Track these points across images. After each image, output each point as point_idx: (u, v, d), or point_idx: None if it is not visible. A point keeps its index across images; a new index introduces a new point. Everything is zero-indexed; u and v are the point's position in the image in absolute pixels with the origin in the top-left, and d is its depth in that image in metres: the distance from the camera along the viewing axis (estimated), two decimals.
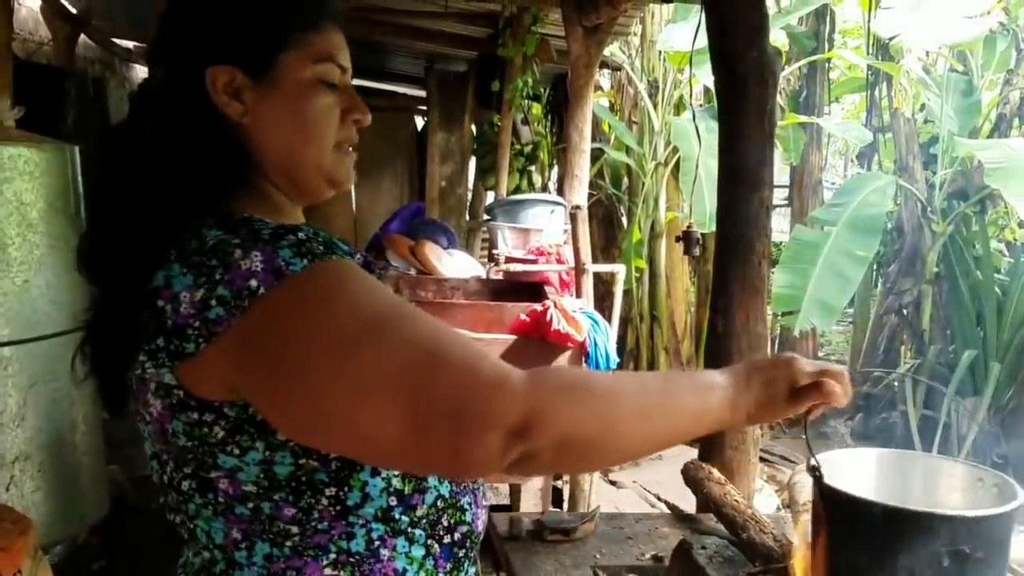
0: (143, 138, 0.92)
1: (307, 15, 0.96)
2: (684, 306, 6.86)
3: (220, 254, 0.82)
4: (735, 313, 2.19)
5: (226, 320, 0.79)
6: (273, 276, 0.79)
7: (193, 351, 0.81)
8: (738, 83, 2.19)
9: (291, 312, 0.79)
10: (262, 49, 0.93)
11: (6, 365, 2.86)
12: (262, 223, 0.87)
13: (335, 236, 0.89)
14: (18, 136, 3.01)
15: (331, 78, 0.96)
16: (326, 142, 0.97)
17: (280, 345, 0.79)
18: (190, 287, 0.81)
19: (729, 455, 2.21)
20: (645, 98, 6.51)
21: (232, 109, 0.93)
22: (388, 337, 0.79)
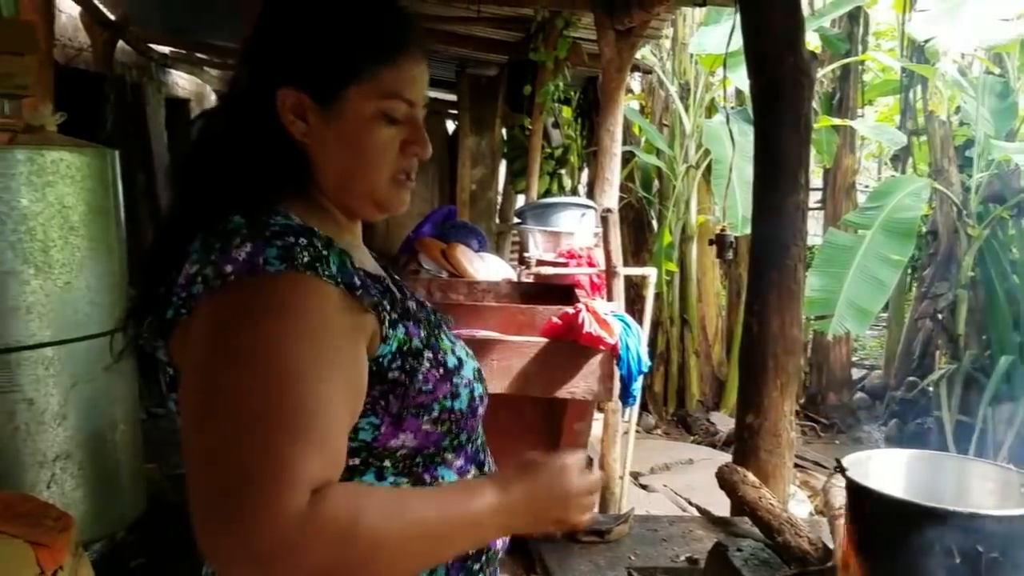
0: (215, 131, 1.00)
1: (382, 49, 0.98)
2: (715, 310, 6.83)
3: (225, 238, 0.88)
4: (770, 317, 2.18)
5: (201, 296, 0.86)
6: (247, 269, 0.85)
7: (171, 317, 0.88)
8: (774, 88, 2.19)
9: (239, 307, 0.85)
10: (331, 81, 0.96)
11: (48, 365, 2.91)
12: (283, 221, 0.91)
13: (350, 253, 0.93)
14: (60, 141, 3.06)
15: (395, 113, 0.99)
16: (381, 174, 1.00)
17: (208, 330, 0.85)
18: (193, 261, 0.89)
19: (764, 459, 2.20)
20: (676, 101, 6.49)
21: (296, 128, 0.97)
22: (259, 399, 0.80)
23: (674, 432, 6.49)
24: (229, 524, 0.76)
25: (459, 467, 1.05)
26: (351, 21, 0.98)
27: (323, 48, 0.97)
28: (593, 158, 6.51)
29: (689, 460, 5.46)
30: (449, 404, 1.00)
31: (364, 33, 0.98)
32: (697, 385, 6.71)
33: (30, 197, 2.79)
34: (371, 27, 0.98)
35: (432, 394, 0.99)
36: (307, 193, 1.00)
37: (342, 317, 0.88)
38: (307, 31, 0.97)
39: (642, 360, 2.88)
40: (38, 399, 2.89)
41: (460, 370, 1.03)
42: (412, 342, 0.98)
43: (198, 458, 0.81)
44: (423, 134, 1.02)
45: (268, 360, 0.82)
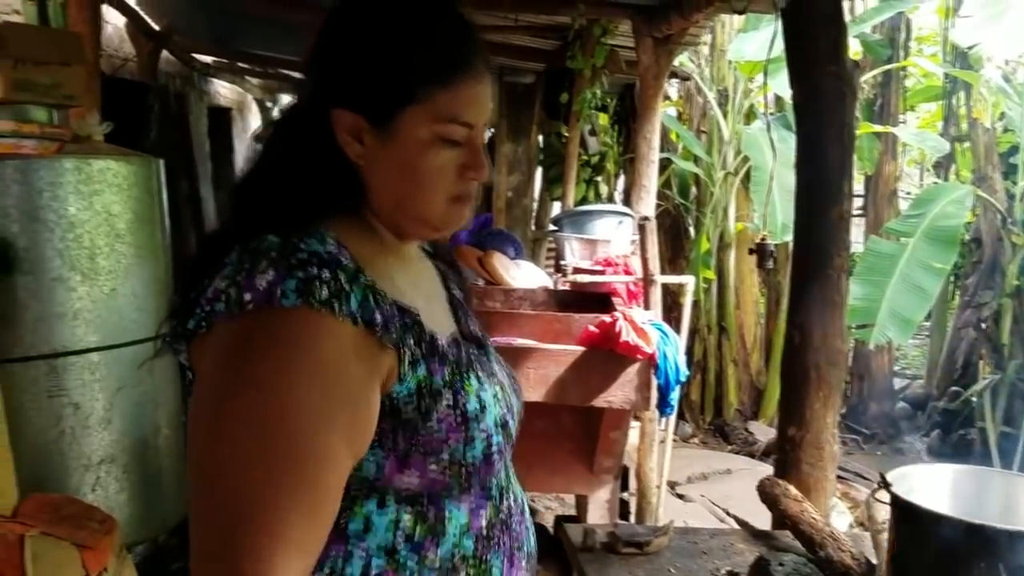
0: (273, 145, 1.00)
1: (439, 72, 0.95)
2: (753, 317, 6.77)
3: (255, 259, 0.87)
4: (813, 328, 2.16)
5: (220, 317, 0.86)
6: (264, 299, 0.84)
7: (192, 328, 0.88)
8: (817, 97, 2.17)
9: (247, 339, 0.85)
10: (386, 103, 0.94)
11: (94, 370, 2.96)
12: (315, 246, 0.90)
13: (384, 282, 0.93)
14: (107, 150, 3.12)
15: (452, 136, 0.96)
16: (436, 197, 0.98)
17: (215, 359, 0.86)
18: (223, 276, 0.88)
19: (806, 472, 2.18)
20: (715, 107, 6.45)
21: (351, 149, 0.96)
22: (259, 445, 0.82)
23: (711, 441, 6.43)
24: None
25: (471, 505, 0.99)
26: (407, 43, 0.95)
27: (379, 71, 0.95)
28: (629, 165, 6.49)
29: (727, 470, 5.41)
30: (460, 452, 0.96)
31: (420, 56, 0.95)
32: (735, 394, 6.65)
33: (77, 205, 2.84)
34: (428, 49, 0.95)
35: (443, 439, 0.94)
36: (357, 211, 0.99)
37: (355, 357, 0.87)
38: (363, 53, 0.96)
39: (680, 369, 2.87)
40: (84, 403, 2.94)
41: (480, 418, 0.97)
42: (433, 381, 0.94)
43: (196, 487, 0.84)
44: (481, 157, 0.99)
45: (271, 402, 0.82)
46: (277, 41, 6.59)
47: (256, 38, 6.58)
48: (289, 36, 6.20)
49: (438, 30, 0.97)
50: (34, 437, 2.86)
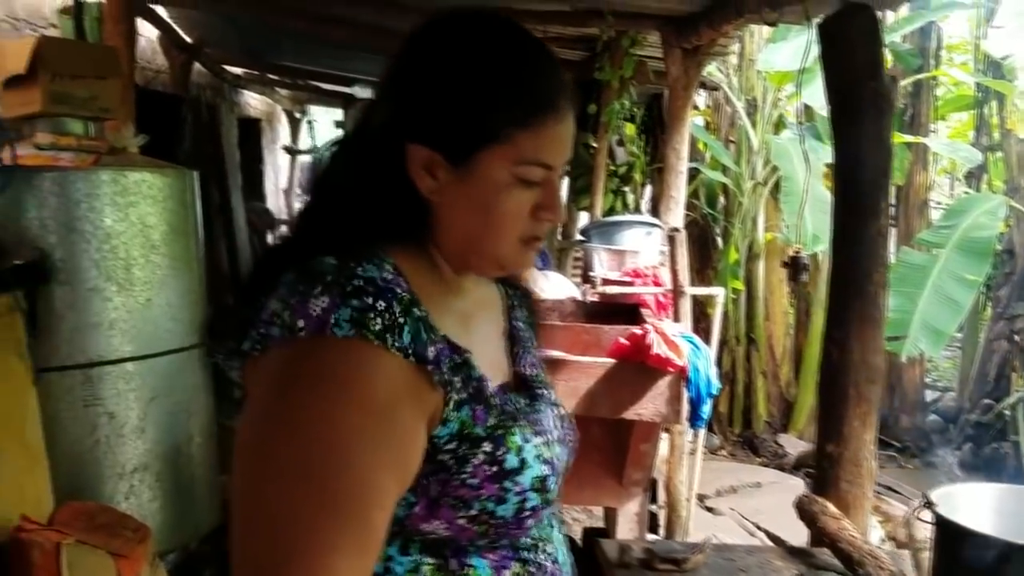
0: (338, 167, 0.97)
1: (520, 113, 0.91)
2: (783, 329, 6.71)
3: (308, 283, 0.85)
4: (851, 344, 2.14)
5: (274, 342, 0.84)
6: (317, 327, 0.82)
7: (247, 349, 0.87)
8: (853, 111, 2.15)
9: (296, 368, 0.83)
10: (464, 142, 0.91)
11: (129, 379, 2.99)
12: (372, 272, 0.88)
13: (437, 317, 0.90)
14: (142, 162, 3.16)
15: (530, 178, 0.93)
16: (508, 238, 0.95)
17: (266, 386, 0.84)
18: (279, 299, 0.87)
19: (844, 488, 2.15)
20: (743, 117, 6.42)
21: (424, 184, 0.92)
22: (309, 479, 0.78)
23: (740, 453, 6.38)
24: None
25: (497, 561, 0.95)
26: (492, 81, 0.91)
27: (460, 109, 0.91)
28: (657, 175, 6.47)
29: (757, 483, 5.36)
30: (491, 507, 0.91)
31: (504, 95, 0.91)
32: (764, 406, 6.59)
33: (113, 217, 2.88)
34: (513, 88, 0.91)
35: (475, 491, 0.90)
36: (422, 245, 0.96)
37: (406, 393, 0.84)
38: (444, 88, 0.91)
39: (712, 382, 2.85)
40: (118, 412, 2.98)
41: (518, 476, 0.92)
42: (474, 428, 0.90)
43: (241, 513, 0.80)
44: (557, 200, 0.96)
45: (321, 436, 0.79)
46: (306, 54, 6.66)
47: (286, 51, 6.65)
48: (319, 49, 6.28)
49: (524, 68, 0.93)
50: (69, 446, 2.89)
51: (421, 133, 0.91)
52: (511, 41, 0.95)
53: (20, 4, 4.10)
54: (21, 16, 4.12)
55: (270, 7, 4.62)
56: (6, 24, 4.00)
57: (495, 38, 0.95)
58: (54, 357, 2.81)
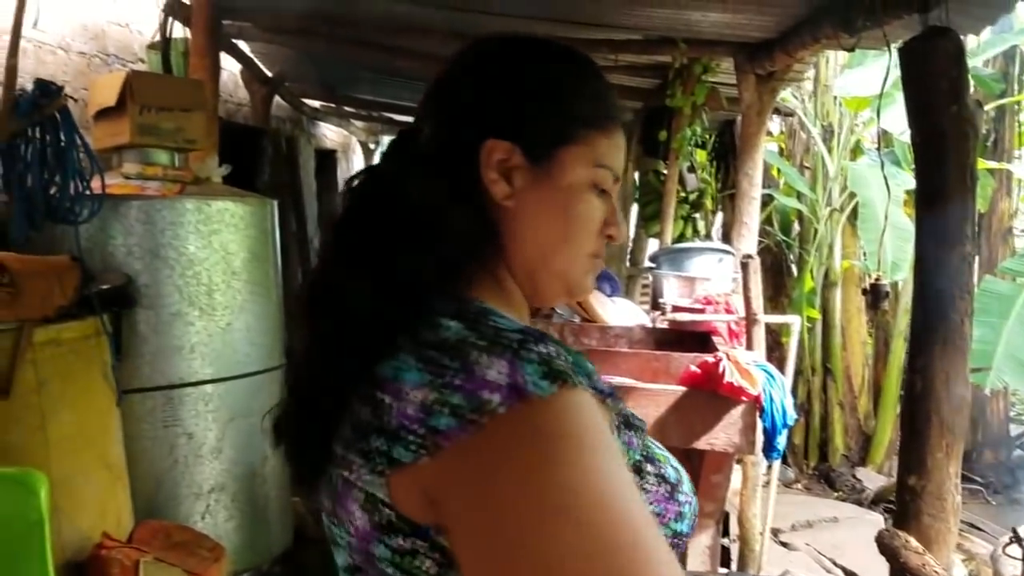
0: (392, 195, 0.84)
1: (599, 114, 0.89)
2: (861, 359, 6.53)
3: (460, 354, 0.72)
4: (935, 375, 2.06)
5: (455, 433, 0.69)
6: (515, 396, 0.69)
7: (409, 461, 0.71)
8: (937, 138, 2.10)
9: (521, 445, 0.69)
10: (549, 137, 0.86)
11: (208, 401, 3.08)
12: (504, 321, 0.78)
13: (573, 349, 0.78)
14: (224, 192, 3.27)
15: (603, 184, 0.89)
16: (582, 248, 0.89)
17: (495, 477, 0.68)
18: (421, 385, 0.72)
19: (927, 523, 2.07)
20: (819, 143, 6.32)
21: (499, 188, 0.85)
22: (606, 527, 0.66)
23: (816, 487, 6.20)
24: None
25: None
26: (572, 83, 0.90)
27: (543, 99, 0.87)
28: (728, 201, 6.40)
29: (833, 518, 5.20)
30: (676, 528, 0.85)
31: (584, 96, 0.89)
32: (841, 438, 6.41)
33: (197, 244, 2.98)
34: (590, 91, 0.90)
35: (661, 517, 0.83)
36: (492, 272, 0.88)
37: (607, 423, 0.76)
38: (525, 85, 0.88)
39: (787, 413, 2.78)
40: (197, 433, 3.06)
41: (680, 483, 0.87)
42: (633, 455, 0.83)
43: None
44: (620, 215, 0.92)
45: (592, 499, 0.67)
46: (380, 86, 6.82)
47: (361, 83, 6.82)
48: (391, 81, 6.42)
49: (596, 76, 0.93)
50: (149, 465, 2.98)
51: (502, 126, 0.86)
52: (579, 53, 0.94)
53: (111, 39, 4.30)
54: (111, 51, 4.32)
55: (346, 41, 4.75)
56: (97, 59, 4.20)
57: (564, 49, 0.93)
58: (137, 379, 2.91)
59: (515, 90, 0.88)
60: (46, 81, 2.57)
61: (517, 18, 3.97)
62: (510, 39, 0.94)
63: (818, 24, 3.22)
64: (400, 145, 0.90)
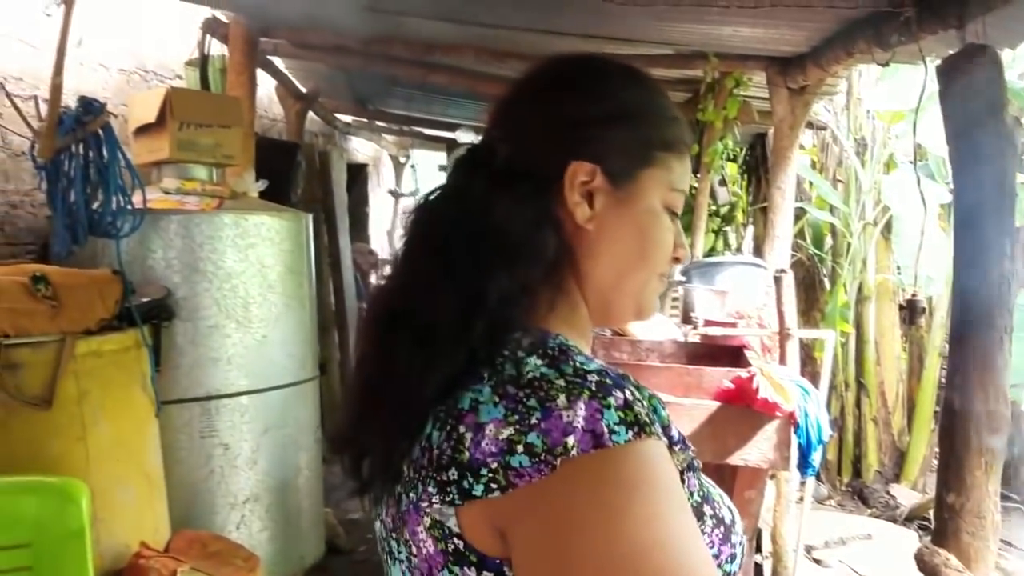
0: (475, 216, 0.82)
1: (675, 138, 0.90)
2: (895, 374, 6.44)
3: (540, 393, 0.72)
4: (973, 392, 2.04)
5: (529, 473, 0.69)
6: (591, 441, 0.69)
7: (480, 495, 0.71)
8: (974, 153, 2.08)
9: (593, 490, 0.69)
10: (631, 159, 0.87)
11: (243, 412, 3.11)
12: (582, 359, 0.77)
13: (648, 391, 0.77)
14: (260, 206, 3.32)
15: (675, 207, 0.91)
16: (656, 269, 0.90)
17: (564, 520, 0.68)
18: (499, 421, 0.72)
19: (966, 541, 2.04)
20: (852, 156, 6.27)
21: (581, 211, 0.85)
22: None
23: (849, 504, 6.12)
24: None
25: None
26: (650, 103, 0.91)
27: (624, 123, 0.88)
28: (759, 214, 6.36)
29: (867, 535, 5.12)
30: (729, 569, 0.84)
31: (662, 118, 0.91)
32: (875, 454, 6.32)
33: (234, 257, 3.03)
34: (666, 113, 0.91)
35: (716, 559, 0.82)
36: (568, 298, 0.88)
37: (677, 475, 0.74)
38: (606, 103, 0.88)
39: (823, 428, 2.76)
40: (233, 444, 3.10)
41: (735, 524, 0.87)
42: (694, 497, 0.81)
43: None
44: (683, 235, 0.93)
45: (656, 546, 0.67)
46: (412, 100, 6.88)
47: (393, 98, 6.89)
48: (423, 96, 6.48)
49: (667, 101, 0.93)
50: (186, 475, 3.02)
51: (584, 149, 0.86)
52: (649, 76, 0.94)
53: (150, 57, 4.39)
54: (150, 68, 4.40)
55: (379, 57, 4.81)
56: (137, 76, 4.28)
57: (637, 71, 0.93)
58: (175, 390, 2.96)
59: (598, 113, 0.88)
60: (89, 98, 2.63)
61: (548, 34, 3.99)
62: (584, 59, 0.94)
63: (852, 39, 3.20)
64: (474, 164, 0.88)
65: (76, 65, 3.63)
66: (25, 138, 2.87)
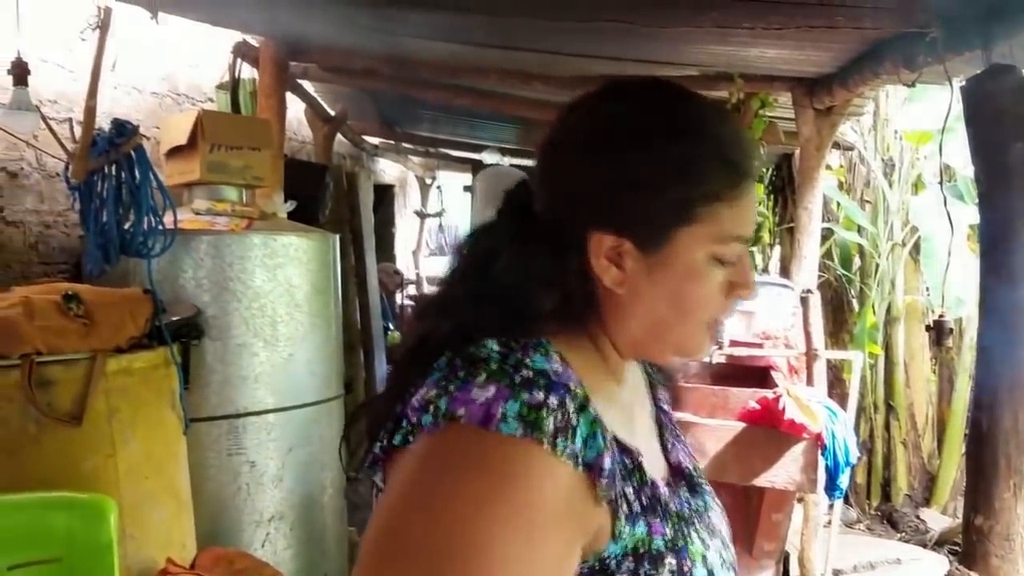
0: (494, 251, 0.83)
1: (721, 185, 0.82)
2: (924, 396, 6.36)
3: (471, 369, 0.75)
4: (1002, 413, 2.02)
5: (426, 429, 0.73)
6: (479, 417, 0.71)
7: (397, 444, 0.75)
8: (1001, 173, 2.08)
9: (451, 460, 0.71)
10: (662, 225, 0.81)
11: (270, 430, 3.14)
12: (541, 362, 0.77)
13: (604, 415, 0.77)
14: (288, 227, 3.36)
15: (728, 257, 0.83)
16: (698, 320, 0.85)
17: (411, 474, 0.72)
18: (432, 383, 0.75)
19: (995, 564, 2.02)
20: (880, 177, 6.23)
21: (609, 276, 0.82)
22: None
23: (878, 528, 6.03)
24: None
25: None
26: (687, 154, 0.81)
27: (653, 188, 0.80)
28: (785, 235, 6.33)
29: (896, 559, 5.04)
30: None
31: (701, 169, 0.81)
32: (905, 478, 6.23)
33: (263, 277, 3.07)
34: (709, 161, 0.82)
35: None
36: (586, 330, 0.86)
37: (569, 507, 0.72)
38: (633, 166, 0.81)
39: (850, 450, 2.74)
40: (259, 462, 3.12)
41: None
42: (653, 542, 0.79)
43: None
44: (750, 273, 0.86)
45: (470, 531, 0.67)
46: (438, 123, 6.95)
47: (420, 120, 6.96)
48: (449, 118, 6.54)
49: (720, 136, 0.83)
50: (213, 493, 3.05)
51: (607, 219, 0.81)
52: (699, 107, 0.86)
53: (182, 80, 4.47)
54: (182, 91, 4.49)
55: (406, 80, 4.87)
56: (169, 99, 4.36)
57: (682, 105, 0.85)
58: (203, 408, 2.99)
59: (625, 179, 0.81)
60: (122, 121, 2.68)
61: (574, 56, 4.02)
62: (632, 94, 0.87)
63: (878, 59, 3.20)
64: (514, 207, 0.87)
65: (110, 88, 3.71)
66: (59, 160, 2.93)
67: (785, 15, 2.75)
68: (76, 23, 2.92)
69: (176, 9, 3.60)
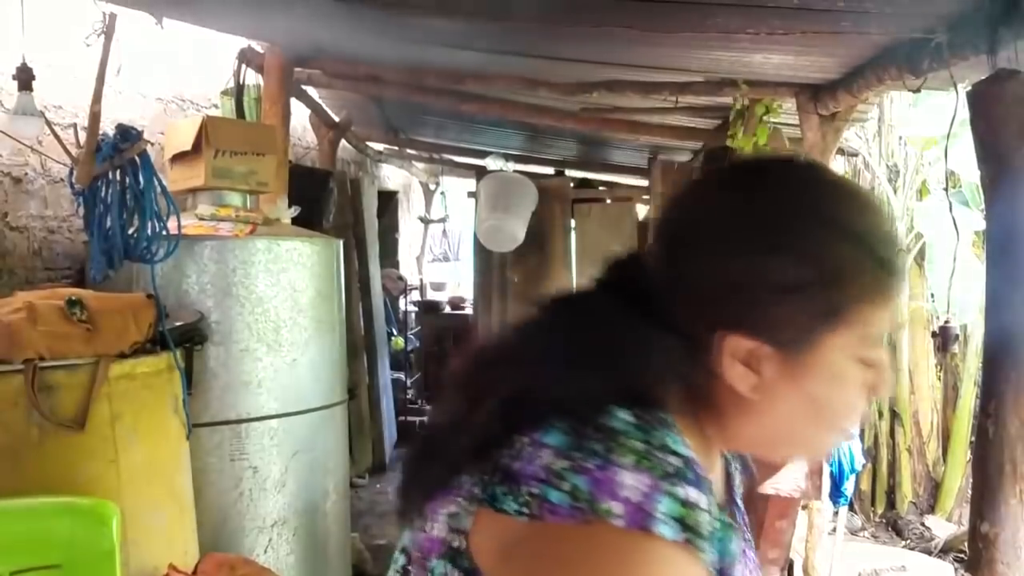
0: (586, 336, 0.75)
1: (872, 286, 0.75)
2: (929, 403, 6.33)
3: (609, 443, 0.66)
4: (1008, 418, 2.01)
5: (560, 514, 0.64)
6: (636, 519, 0.62)
7: (508, 511, 0.66)
8: (1007, 179, 2.07)
9: (603, 565, 0.63)
10: (811, 327, 0.73)
11: (273, 436, 3.13)
12: (679, 446, 0.68)
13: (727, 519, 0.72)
14: (292, 232, 3.37)
15: (870, 359, 0.76)
16: (832, 427, 0.79)
17: (553, 572, 0.65)
18: (558, 450, 0.67)
19: (1001, 572, 2.01)
20: (884, 183, 6.22)
21: (745, 383, 0.74)
22: None
23: (883, 535, 6.01)
24: None
25: None
26: (837, 253, 0.74)
27: (802, 291, 0.73)
28: None
29: (901, 567, 5.01)
30: None
31: (855, 269, 0.74)
32: (910, 485, 6.21)
33: (266, 282, 3.07)
34: (864, 259, 0.74)
35: None
36: (694, 408, 0.77)
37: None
38: (779, 268, 0.73)
39: (855, 458, 2.73)
40: (262, 467, 3.12)
41: None
42: None
43: None
44: (889, 371, 0.79)
45: None
46: (443, 129, 6.96)
47: (424, 126, 6.97)
48: (453, 124, 6.55)
49: (868, 231, 0.76)
50: (215, 498, 3.04)
51: (745, 323, 0.74)
52: (848, 197, 0.78)
53: (186, 86, 4.48)
54: (187, 97, 4.50)
55: (412, 87, 4.87)
56: (173, 104, 4.38)
57: (830, 195, 0.78)
58: (206, 413, 2.99)
59: (769, 282, 0.73)
60: (127, 126, 2.69)
61: (578, 62, 4.02)
62: (772, 180, 0.79)
63: (882, 65, 3.19)
64: (625, 280, 0.80)
65: (114, 94, 3.72)
66: (64, 165, 2.94)
67: (789, 20, 2.75)
68: (81, 29, 2.93)
69: (181, 15, 3.61)
